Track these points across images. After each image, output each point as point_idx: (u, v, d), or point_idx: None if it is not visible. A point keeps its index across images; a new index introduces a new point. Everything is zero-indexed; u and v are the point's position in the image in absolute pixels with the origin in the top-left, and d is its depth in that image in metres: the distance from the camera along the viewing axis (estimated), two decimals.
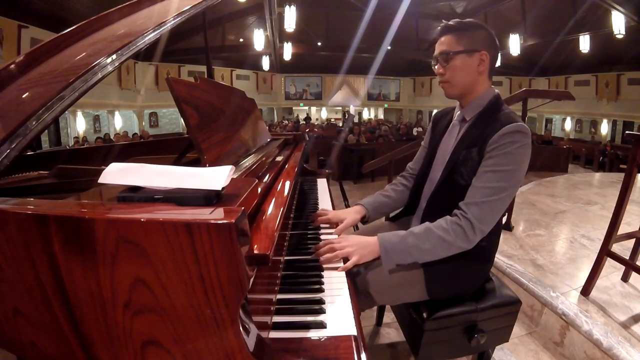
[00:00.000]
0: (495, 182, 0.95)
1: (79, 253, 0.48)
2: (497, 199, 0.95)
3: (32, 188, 1.01)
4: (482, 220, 0.95)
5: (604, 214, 3.05)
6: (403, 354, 1.66)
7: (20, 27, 7.24)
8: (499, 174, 0.96)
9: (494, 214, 0.97)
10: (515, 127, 0.96)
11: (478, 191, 0.97)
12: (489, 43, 1.05)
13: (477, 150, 1.01)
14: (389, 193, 1.34)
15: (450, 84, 1.08)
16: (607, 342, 1.44)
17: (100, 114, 11.08)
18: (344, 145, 7.36)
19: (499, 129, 0.97)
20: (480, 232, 0.96)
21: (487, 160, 0.98)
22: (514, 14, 10.59)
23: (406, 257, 0.98)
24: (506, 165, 0.95)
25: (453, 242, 0.96)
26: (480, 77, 1.06)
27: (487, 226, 0.97)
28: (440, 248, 0.97)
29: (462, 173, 1.04)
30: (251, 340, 0.52)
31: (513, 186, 0.97)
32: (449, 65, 1.06)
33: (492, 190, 0.95)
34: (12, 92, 0.70)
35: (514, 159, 0.96)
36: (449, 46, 1.05)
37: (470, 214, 0.95)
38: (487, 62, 1.05)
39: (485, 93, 1.08)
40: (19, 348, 0.55)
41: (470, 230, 0.95)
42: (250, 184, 0.67)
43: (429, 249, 0.97)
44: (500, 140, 0.96)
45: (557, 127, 14.17)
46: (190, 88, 0.94)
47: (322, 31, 12.85)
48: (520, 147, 0.96)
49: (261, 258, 0.59)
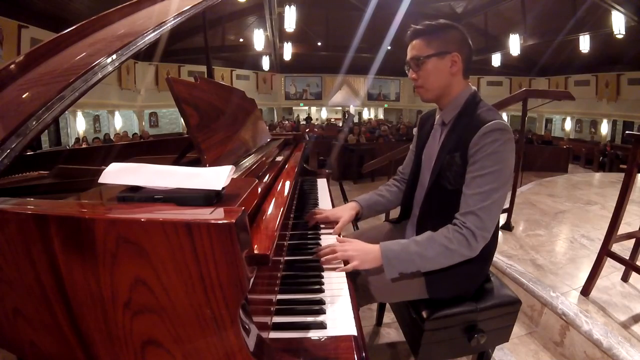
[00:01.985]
0: (485, 186, 0.95)
1: (79, 253, 0.48)
2: (492, 202, 0.95)
3: (32, 188, 1.01)
4: (482, 227, 0.95)
5: (604, 214, 3.05)
6: (403, 354, 1.66)
7: (20, 27, 7.23)
8: (487, 177, 0.95)
9: (492, 218, 0.96)
10: (493, 126, 0.95)
11: (472, 199, 0.96)
12: (461, 43, 1.04)
13: (460, 155, 1.01)
14: (383, 193, 1.36)
15: (424, 89, 1.08)
16: (607, 342, 1.44)
17: (100, 114, 11.07)
18: (344, 145, 7.36)
19: (477, 130, 0.96)
20: (482, 239, 0.96)
21: (472, 166, 0.97)
22: (514, 14, 10.58)
23: (409, 265, 0.98)
24: (492, 167, 0.95)
25: (456, 250, 0.95)
26: (454, 78, 1.05)
27: (488, 232, 0.96)
28: (443, 256, 0.96)
29: (448, 178, 1.04)
30: (251, 340, 0.52)
31: (503, 185, 0.97)
32: (421, 69, 1.05)
33: (484, 195, 0.95)
34: (12, 92, 0.70)
35: (498, 158, 0.95)
36: (420, 50, 1.05)
37: (469, 224, 0.95)
38: (460, 62, 1.04)
39: (461, 93, 1.07)
40: (19, 348, 0.55)
41: (472, 238, 0.95)
42: (250, 184, 0.67)
43: (431, 257, 0.96)
44: (480, 141, 0.96)
45: (557, 127, 14.17)
46: (190, 88, 0.94)
47: (322, 31, 12.84)
48: (502, 145, 0.95)
49: (261, 258, 0.59)
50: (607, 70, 11.44)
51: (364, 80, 15.98)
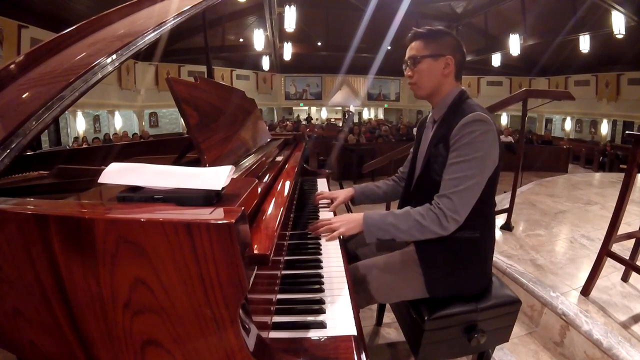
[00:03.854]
0: (460, 172, 1.01)
1: (79, 253, 0.48)
2: (464, 188, 1.01)
3: (32, 188, 1.01)
4: (453, 209, 1.01)
5: (604, 214, 3.05)
6: (403, 354, 1.66)
7: (20, 27, 7.23)
8: (462, 165, 1.01)
9: (464, 203, 1.02)
10: (473, 117, 1.01)
11: (447, 183, 1.03)
12: (455, 48, 1.13)
13: (444, 146, 1.08)
14: (380, 185, 1.50)
15: (417, 86, 1.16)
16: (607, 342, 1.44)
17: (100, 114, 11.07)
18: (344, 145, 7.36)
19: (459, 122, 1.02)
20: (453, 221, 1.02)
21: (451, 153, 1.04)
22: (514, 14, 10.57)
23: (384, 234, 1.07)
24: (468, 155, 1.01)
25: (428, 226, 1.03)
26: (446, 79, 1.13)
27: (460, 215, 1.02)
28: (415, 229, 1.04)
29: (435, 169, 1.10)
30: (251, 340, 0.52)
31: (479, 174, 1.02)
32: (416, 68, 1.14)
33: (458, 181, 1.01)
34: (12, 92, 0.70)
35: (475, 147, 1.00)
36: (417, 51, 1.13)
37: (442, 205, 1.02)
38: (452, 65, 1.12)
39: (450, 93, 1.15)
40: (19, 348, 0.55)
41: (443, 218, 1.01)
42: (250, 184, 0.67)
43: (404, 229, 1.05)
44: (459, 132, 1.02)
45: (557, 127, 14.17)
46: (190, 88, 0.94)
47: (322, 31, 12.84)
48: (480, 135, 1.00)
49: (261, 258, 0.59)
50: (607, 70, 11.44)
51: (364, 80, 15.97)
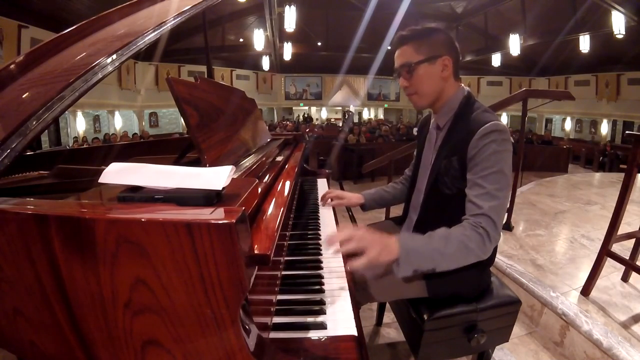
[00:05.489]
0: (489, 186, 0.93)
1: (79, 253, 0.48)
2: (499, 203, 0.93)
3: (32, 188, 1.01)
4: (494, 229, 0.92)
5: (604, 214, 3.05)
6: (403, 354, 1.66)
7: (20, 27, 7.23)
8: (490, 178, 0.93)
9: (501, 220, 0.95)
10: (491, 127, 0.94)
11: (479, 200, 0.93)
12: (449, 46, 1.04)
13: (458, 159, 1.00)
14: (389, 189, 1.44)
15: (418, 95, 1.07)
16: (607, 342, 1.44)
17: (100, 114, 11.07)
18: (344, 145, 7.37)
19: (475, 133, 0.95)
20: (494, 241, 0.93)
21: (474, 168, 0.96)
22: (514, 14, 10.58)
23: (426, 262, 0.89)
24: (493, 167, 0.94)
25: (473, 250, 0.90)
26: (446, 82, 1.05)
27: (499, 232, 0.94)
28: (460, 254, 0.90)
29: (446, 182, 1.03)
30: (251, 340, 0.52)
31: (507, 185, 0.95)
32: (412, 76, 1.04)
33: (490, 196, 0.93)
34: (12, 92, 0.70)
35: (498, 158, 0.94)
36: (410, 57, 1.03)
37: (485, 224, 0.91)
38: (450, 65, 1.03)
39: (454, 96, 1.07)
40: (19, 348, 0.55)
41: (487, 240, 0.91)
42: (250, 184, 0.67)
43: (450, 254, 0.89)
44: (479, 143, 0.95)
45: (557, 127, 14.17)
46: (190, 88, 0.94)
47: (322, 31, 12.84)
48: (500, 145, 0.94)
49: (261, 258, 0.59)
50: (607, 70, 11.44)
51: (363, 80, 15.97)
